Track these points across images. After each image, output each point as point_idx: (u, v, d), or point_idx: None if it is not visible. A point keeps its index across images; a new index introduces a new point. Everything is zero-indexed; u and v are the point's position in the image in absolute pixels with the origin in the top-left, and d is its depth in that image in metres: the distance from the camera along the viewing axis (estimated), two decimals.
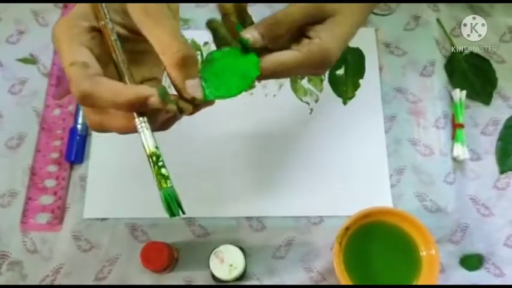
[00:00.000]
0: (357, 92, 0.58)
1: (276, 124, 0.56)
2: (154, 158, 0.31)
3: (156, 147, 0.31)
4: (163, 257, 0.46)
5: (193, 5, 0.61)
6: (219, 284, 0.50)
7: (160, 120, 0.34)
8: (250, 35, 0.36)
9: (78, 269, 0.50)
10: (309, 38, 0.37)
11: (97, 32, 0.33)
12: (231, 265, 0.46)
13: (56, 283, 0.50)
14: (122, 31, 0.34)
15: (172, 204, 0.31)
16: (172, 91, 0.34)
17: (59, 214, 0.52)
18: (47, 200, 0.52)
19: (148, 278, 0.50)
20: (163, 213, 0.52)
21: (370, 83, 0.58)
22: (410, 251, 0.48)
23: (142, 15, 0.32)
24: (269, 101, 0.57)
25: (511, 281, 0.51)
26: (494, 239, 0.53)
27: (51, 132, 0.55)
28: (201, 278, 0.50)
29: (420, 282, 0.46)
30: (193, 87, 0.33)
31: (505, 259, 0.52)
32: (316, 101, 0.58)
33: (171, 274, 0.50)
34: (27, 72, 0.58)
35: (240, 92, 0.35)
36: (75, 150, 0.54)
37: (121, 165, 0.54)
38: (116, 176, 0.54)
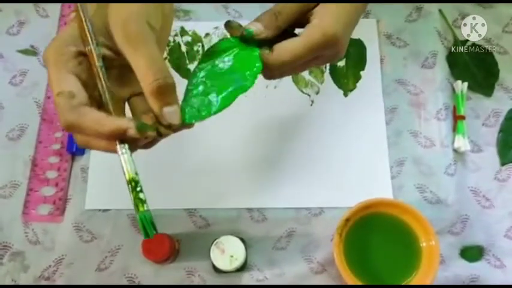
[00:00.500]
0: (358, 84, 0.58)
1: (276, 116, 0.56)
2: (133, 184, 0.33)
3: (136, 173, 0.33)
4: (164, 248, 0.46)
5: None
6: (220, 275, 0.50)
7: (141, 144, 0.35)
8: (254, 26, 0.37)
9: (80, 260, 0.51)
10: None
11: (84, 56, 0.34)
12: (231, 256, 0.47)
13: (58, 274, 0.50)
14: (108, 52, 0.35)
15: (148, 227, 0.34)
16: None
17: (60, 205, 0.52)
18: (48, 191, 0.53)
19: (150, 269, 0.50)
20: (164, 204, 0.52)
21: (371, 74, 0.58)
22: (410, 242, 0.48)
23: (123, 39, 0.33)
24: (270, 93, 0.57)
25: (511, 272, 0.51)
26: (495, 231, 0.53)
27: (52, 123, 0.55)
28: (202, 269, 0.51)
29: (420, 273, 0.47)
30: (170, 114, 0.34)
31: (506, 250, 0.52)
32: (317, 92, 0.58)
33: (172, 265, 0.51)
34: (28, 64, 0.58)
35: (222, 109, 0.36)
36: None
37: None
38: (117, 168, 0.54)
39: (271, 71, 0.38)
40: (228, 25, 0.38)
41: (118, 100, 0.36)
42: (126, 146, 0.33)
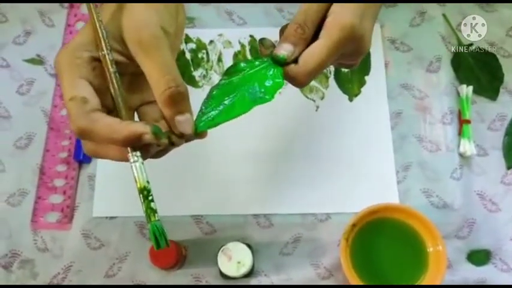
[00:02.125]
0: (363, 89, 0.58)
1: (281, 121, 0.57)
2: (145, 193, 0.32)
3: (147, 182, 0.32)
4: (171, 254, 0.47)
5: (198, 3, 0.62)
6: (227, 280, 0.50)
7: (153, 152, 0.34)
8: (284, 50, 0.35)
9: (88, 267, 0.51)
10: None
11: (98, 62, 0.33)
12: (238, 262, 0.47)
13: (67, 281, 0.51)
14: (120, 58, 0.34)
15: (160, 237, 0.33)
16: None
17: (68, 213, 0.53)
18: (56, 199, 0.53)
19: (157, 275, 0.51)
20: (171, 211, 0.53)
21: (375, 79, 0.58)
22: (417, 247, 0.48)
23: (136, 44, 0.32)
24: (275, 98, 0.57)
25: None
26: (502, 234, 0.53)
27: (59, 132, 0.56)
28: (209, 275, 0.51)
29: (427, 278, 0.47)
30: (182, 123, 0.33)
31: None
32: (322, 98, 0.58)
33: (179, 271, 0.51)
34: (35, 73, 0.58)
35: (236, 116, 0.35)
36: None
37: (129, 164, 0.54)
38: (124, 175, 0.54)
39: (300, 82, 0.36)
40: (262, 43, 0.37)
41: (129, 108, 0.35)
42: (138, 153, 0.32)
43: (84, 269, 0.51)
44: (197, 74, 0.59)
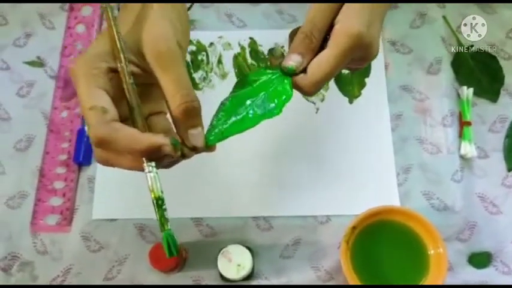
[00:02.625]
0: (363, 91, 0.58)
1: (282, 124, 0.56)
2: (159, 202, 0.34)
3: (161, 192, 0.34)
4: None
5: (199, 5, 0.62)
6: (227, 283, 0.50)
7: (165, 163, 0.35)
8: (292, 61, 0.36)
9: (88, 269, 0.51)
10: None
11: (114, 72, 0.34)
12: (238, 265, 0.47)
13: (66, 283, 0.50)
14: (135, 69, 0.35)
15: (173, 245, 0.34)
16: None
17: (68, 215, 0.52)
18: (56, 201, 0.53)
19: (157, 278, 0.51)
20: (171, 213, 0.52)
21: (376, 81, 0.58)
22: (418, 249, 0.48)
23: (154, 58, 0.33)
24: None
25: None
26: (503, 237, 0.52)
27: (59, 134, 0.56)
28: (209, 278, 0.51)
29: (428, 281, 0.46)
30: (195, 137, 0.34)
31: None
32: (322, 100, 0.58)
33: (179, 274, 0.51)
34: (35, 75, 0.58)
35: (244, 130, 0.36)
36: (83, 152, 0.54)
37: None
38: (123, 177, 0.54)
39: (308, 91, 0.36)
40: (272, 53, 0.38)
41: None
42: (153, 163, 0.33)
43: (83, 271, 0.51)
44: (197, 76, 0.59)
